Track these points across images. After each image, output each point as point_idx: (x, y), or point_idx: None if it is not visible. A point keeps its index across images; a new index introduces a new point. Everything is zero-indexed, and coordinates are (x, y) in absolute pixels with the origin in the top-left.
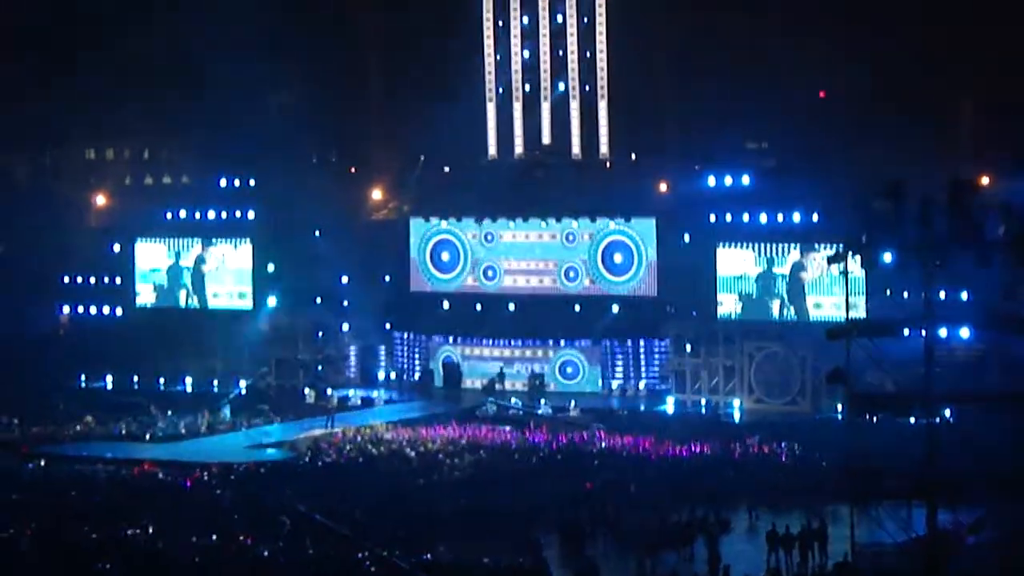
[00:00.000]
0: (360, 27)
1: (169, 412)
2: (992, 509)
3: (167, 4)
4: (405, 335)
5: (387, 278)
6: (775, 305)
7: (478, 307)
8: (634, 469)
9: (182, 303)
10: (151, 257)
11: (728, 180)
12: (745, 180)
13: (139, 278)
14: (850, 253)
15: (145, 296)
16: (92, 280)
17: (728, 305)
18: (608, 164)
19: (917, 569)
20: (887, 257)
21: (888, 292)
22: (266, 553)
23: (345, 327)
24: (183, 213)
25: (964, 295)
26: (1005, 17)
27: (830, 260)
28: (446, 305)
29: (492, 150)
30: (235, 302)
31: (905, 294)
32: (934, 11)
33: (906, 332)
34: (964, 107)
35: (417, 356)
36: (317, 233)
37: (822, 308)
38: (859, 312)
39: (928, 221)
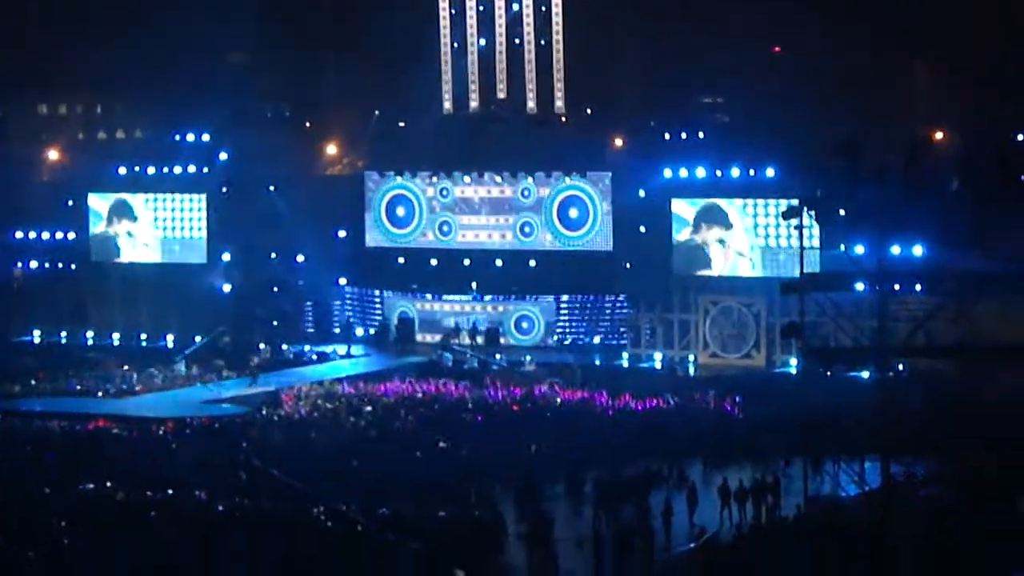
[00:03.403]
0: None
1: (124, 367)
2: (945, 461)
3: None
4: (360, 290)
5: (342, 233)
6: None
7: (433, 262)
8: (589, 423)
9: (135, 258)
10: (104, 211)
11: (683, 136)
12: (700, 135)
13: (92, 231)
14: (805, 208)
15: (98, 251)
16: (45, 235)
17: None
18: (563, 119)
19: (870, 522)
20: (841, 212)
21: (842, 247)
22: (221, 508)
23: (300, 282)
24: (136, 168)
25: (918, 250)
26: None
27: (784, 215)
28: (402, 260)
29: (447, 104)
30: (189, 257)
31: (859, 248)
32: None
33: (860, 287)
34: (919, 63)
35: (372, 311)
36: (272, 188)
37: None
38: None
39: (883, 177)
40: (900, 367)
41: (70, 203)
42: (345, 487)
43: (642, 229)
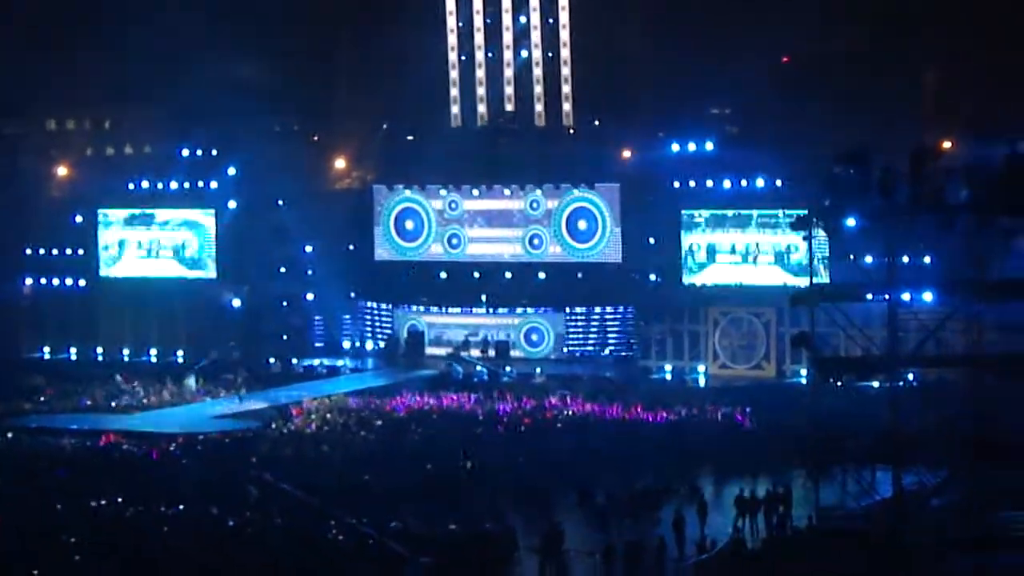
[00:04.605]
0: None
1: (134, 383)
2: (956, 470)
3: None
4: (370, 304)
5: (351, 247)
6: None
7: (443, 275)
8: (600, 435)
9: (145, 273)
10: (113, 227)
11: (692, 146)
12: (709, 146)
13: (102, 248)
14: (813, 219)
15: (108, 267)
16: (55, 251)
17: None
18: (571, 131)
19: (881, 532)
20: (850, 222)
21: (851, 257)
22: (232, 523)
23: (310, 297)
24: (145, 183)
25: (927, 259)
26: None
27: (793, 226)
28: (411, 273)
29: (455, 117)
30: (199, 272)
31: (868, 258)
32: None
33: (869, 297)
34: (927, 73)
35: (382, 325)
36: (280, 203)
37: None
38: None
39: (890, 187)
40: (910, 377)
41: (79, 219)
42: (356, 501)
43: (651, 240)
